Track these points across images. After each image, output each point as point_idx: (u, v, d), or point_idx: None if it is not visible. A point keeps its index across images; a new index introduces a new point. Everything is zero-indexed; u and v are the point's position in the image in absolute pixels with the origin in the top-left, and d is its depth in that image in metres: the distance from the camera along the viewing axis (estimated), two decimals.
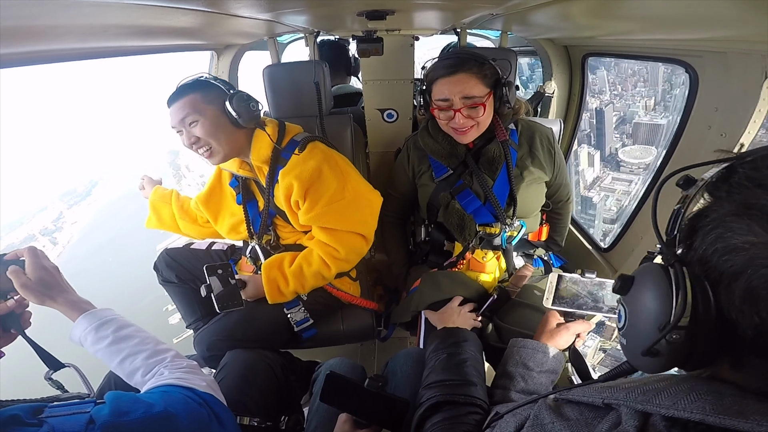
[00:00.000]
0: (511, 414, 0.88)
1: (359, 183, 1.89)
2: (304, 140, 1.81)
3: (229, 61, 2.74)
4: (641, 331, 0.64)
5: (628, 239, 2.13)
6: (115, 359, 1.10)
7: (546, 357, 1.23)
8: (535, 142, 1.81)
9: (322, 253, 1.81)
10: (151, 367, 1.09)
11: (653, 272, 0.63)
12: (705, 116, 1.62)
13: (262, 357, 1.67)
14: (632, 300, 0.68)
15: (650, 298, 0.62)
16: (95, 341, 1.11)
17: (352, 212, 1.82)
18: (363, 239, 1.88)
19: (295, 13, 1.76)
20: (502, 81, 1.63)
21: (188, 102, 1.66)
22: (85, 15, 1.05)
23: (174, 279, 2.09)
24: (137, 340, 1.14)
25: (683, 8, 1.02)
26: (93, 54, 1.54)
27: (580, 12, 1.47)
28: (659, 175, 1.89)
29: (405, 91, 2.40)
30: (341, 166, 1.84)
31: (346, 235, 1.83)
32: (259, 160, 1.81)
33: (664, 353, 0.59)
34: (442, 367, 1.26)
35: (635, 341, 0.65)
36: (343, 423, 1.26)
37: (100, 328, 1.12)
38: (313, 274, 1.82)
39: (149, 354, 1.11)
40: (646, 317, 0.63)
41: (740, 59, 1.41)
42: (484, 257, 1.88)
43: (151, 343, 1.15)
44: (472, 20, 2.26)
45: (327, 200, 1.77)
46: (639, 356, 0.63)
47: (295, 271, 1.82)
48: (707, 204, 0.61)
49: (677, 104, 2.78)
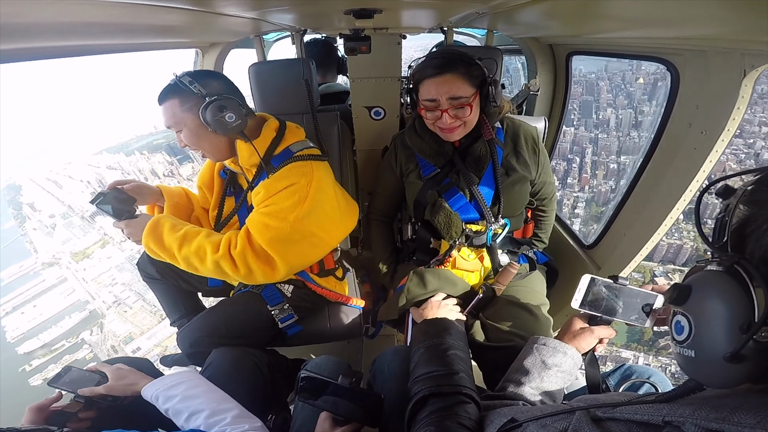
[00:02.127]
0: (538, 425, 0.84)
1: (318, 221, 1.76)
2: (296, 159, 1.73)
3: (214, 59, 2.72)
4: (718, 336, 0.61)
5: (610, 236, 2.15)
6: (182, 417, 1.25)
7: (566, 357, 1.21)
8: (520, 140, 1.82)
9: (223, 239, 1.69)
10: (211, 426, 1.19)
11: (716, 277, 0.63)
12: (686, 114, 1.64)
13: (248, 355, 1.66)
14: (697, 308, 0.66)
15: (721, 302, 0.61)
16: (165, 400, 1.29)
17: (283, 237, 1.68)
18: (273, 267, 1.71)
19: (281, 12, 1.75)
20: (489, 80, 1.64)
21: (168, 108, 1.65)
22: (67, 13, 1.04)
23: (156, 275, 2.07)
24: (202, 399, 1.28)
25: (665, 7, 1.04)
26: (75, 52, 1.52)
27: (565, 11, 1.48)
28: (641, 173, 1.91)
29: (392, 88, 2.40)
30: (312, 197, 1.71)
31: (260, 250, 1.68)
32: (247, 164, 1.79)
33: (750, 357, 0.57)
34: (426, 359, 1.27)
35: (711, 349, 0.62)
36: (323, 421, 1.28)
37: (171, 389, 1.31)
38: (196, 248, 1.67)
39: (210, 413, 1.23)
40: (720, 322, 0.61)
41: (720, 57, 1.43)
42: (469, 255, 1.89)
43: (215, 402, 1.28)
44: (459, 19, 2.27)
45: (269, 210, 1.69)
46: (715, 366, 0.61)
47: (188, 231, 1.71)
48: (749, 212, 0.62)
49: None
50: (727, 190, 0.65)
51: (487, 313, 1.76)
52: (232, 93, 1.67)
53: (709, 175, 1.63)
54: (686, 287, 0.68)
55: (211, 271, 1.69)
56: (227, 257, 1.66)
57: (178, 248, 1.68)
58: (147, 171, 71.61)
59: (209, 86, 1.62)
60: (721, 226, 0.65)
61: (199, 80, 1.62)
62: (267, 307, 1.89)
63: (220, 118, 1.59)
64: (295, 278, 2.00)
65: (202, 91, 1.59)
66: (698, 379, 0.67)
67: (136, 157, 73.98)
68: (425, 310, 1.65)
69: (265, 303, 1.89)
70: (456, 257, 1.89)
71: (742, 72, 1.35)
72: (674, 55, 1.66)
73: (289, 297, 1.94)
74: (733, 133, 1.49)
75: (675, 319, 0.70)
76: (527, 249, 2.05)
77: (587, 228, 29.37)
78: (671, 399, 0.71)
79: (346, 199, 2.00)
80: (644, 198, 1.91)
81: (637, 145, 35.71)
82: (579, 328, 1.26)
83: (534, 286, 1.88)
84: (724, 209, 0.65)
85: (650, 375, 1.46)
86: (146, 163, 72.58)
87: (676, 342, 0.69)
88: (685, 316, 0.68)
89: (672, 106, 1.71)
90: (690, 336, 0.66)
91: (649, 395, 0.83)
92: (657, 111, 1.88)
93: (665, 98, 1.76)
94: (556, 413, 0.84)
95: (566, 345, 1.23)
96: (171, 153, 78.99)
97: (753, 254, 0.59)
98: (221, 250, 1.66)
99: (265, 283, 1.88)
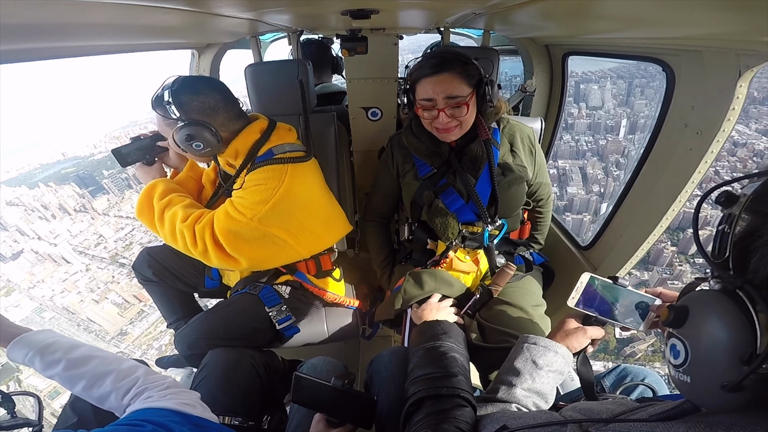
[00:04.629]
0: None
1: (283, 224, 1.76)
2: (273, 162, 1.74)
3: (210, 59, 2.72)
4: (715, 365, 0.58)
5: (607, 237, 2.16)
6: (78, 384, 1.08)
7: (557, 357, 1.19)
8: (516, 141, 1.82)
9: (195, 212, 1.75)
10: (125, 388, 1.06)
11: (715, 300, 0.59)
12: (681, 114, 1.65)
13: (244, 356, 1.66)
14: (694, 332, 0.62)
15: (720, 328, 0.57)
16: (46, 366, 1.08)
17: (237, 230, 1.70)
18: (228, 255, 1.74)
19: (278, 12, 1.75)
20: (485, 80, 1.64)
21: (155, 117, 1.71)
22: (62, 13, 1.03)
23: (152, 277, 2.07)
24: (97, 361, 1.10)
25: (660, 8, 1.03)
26: (70, 52, 1.52)
27: (561, 11, 1.48)
28: (637, 174, 1.91)
29: (389, 89, 2.40)
30: (277, 200, 1.71)
31: (220, 233, 1.70)
32: (228, 168, 1.86)
33: (750, 387, 0.53)
34: (423, 361, 1.26)
35: (707, 377, 0.59)
36: (317, 422, 1.28)
37: (46, 353, 1.09)
38: (172, 213, 1.75)
39: (116, 376, 1.08)
40: (718, 350, 0.57)
41: (715, 58, 1.43)
42: (466, 256, 1.89)
43: (113, 362, 1.12)
44: (456, 19, 2.26)
45: (236, 202, 1.73)
46: (714, 394, 0.58)
47: (173, 198, 1.80)
48: (753, 223, 0.57)
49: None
50: (729, 198, 0.60)
51: (484, 314, 1.76)
52: (212, 111, 1.68)
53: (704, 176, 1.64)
54: (683, 309, 0.65)
55: (173, 239, 1.76)
56: (190, 229, 1.71)
57: (159, 217, 1.77)
58: (54, 206, 65.90)
59: (188, 106, 1.63)
60: (722, 240, 0.60)
61: (180, 97, 1.63)
62: (264, 308, 1.89)
63: (188, 145, 1.65)
64: (293, 279, 2.00)
65: (176, 115, 1.63)
66: (694, 401, 0.65)
67: (41, 190, 69.12)
68: (424, 312, 1.65)
69: (263, 304, 1.89)
70: (452, 258, 1.89)
71: (738, 72, 1.35)
72: (670, 56, 1.66)
73: (286, 298, 1.94)
74: (729, 134, 1.50)
75: (670, 341, 0.67)
76: (523, 250, 2.05)
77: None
78: (666, 419, 0.68)
79: (331, 211, 1.98)
80: (640, 199, 1.92)
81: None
82: (572, 328, 1.25)
83: (530, 287, 1.88)
84: (726, 219, 0.60)
85: (645, 377, 1.46)
86: (53, 196, 67.83)
87: (672, 365, 0.66)
88: (680, 341, 0.64)
89: (667, 106, 1.72)
90: (686, 362, 0.63)
91: (644, 403, 0.81)
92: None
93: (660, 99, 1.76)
94: (548, 424, 0.82)
95: (557, 344, 1.21)
96: (81, 184, 71.12)
97: (756, 273, 0.55)
98: (189, 220, 1.71)
99: (222, 268, 1.96)
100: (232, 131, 1.75)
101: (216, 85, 1.73)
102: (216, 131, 1.67)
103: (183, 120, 1.63)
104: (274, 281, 2.00)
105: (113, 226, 79.01)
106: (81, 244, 74.74)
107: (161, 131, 1.75)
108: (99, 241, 76.37)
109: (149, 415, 0.93)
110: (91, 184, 76.41)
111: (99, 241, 76.33)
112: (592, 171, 39.73)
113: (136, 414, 0.95)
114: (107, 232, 77.83)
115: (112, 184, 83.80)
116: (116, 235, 77.26)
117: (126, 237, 76.86)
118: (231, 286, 2.11)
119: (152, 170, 1.89)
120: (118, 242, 75.39)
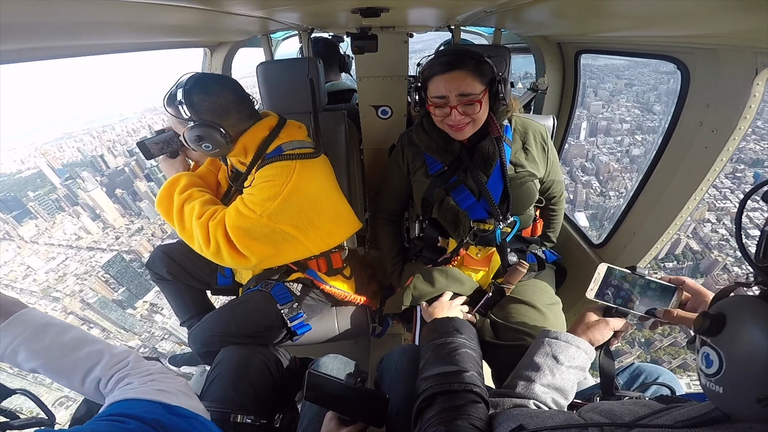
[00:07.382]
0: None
1: (292, 220, 1.77)
2: (282, 158, 1.76)
3: (222, 58, 2.73)
4: (753, 378, 0.54)
5: (620, 235, 2.14)
6: (72, 375, 0.96)
7: (579, 352, 1.16)
8: (529, 138, 1.81)
9: (210, 208, 1.77)
10: (111, 375, 0.97)
11: (757, 308, 0.56)
12: (696, 113, 1.63)
13: (256, 353, 1.67)
14: (731, 341, 0.58)
15: (762, 340, 0.53)
16: (30, 357, 0.94)
17: (248, 227, 1.71)
18: (240, 253, 1.75)
19: (289, 11, 1.75)
20: (498, 78, 1.63)
21: (169, 119, 1.75)
22: (77, 11, 1.04)
23: (167, 275, 2.09)
24: (88, 349, 0.99)
25: (674, 5, 1.02)
26: (85, 51, 1.53)
27: (572, 9, 1.47)
28: (651, 171, 1.90)
29: (399, 87, 2.40)
30: (286, 196, 1.72)
31: (231, 230, 1.71)
32: (239, 166, 1.88)
33: None
34: (435, 358, 1.26)
35: (743, 390, 0.56)
36: (329, 420, 1.28)
37: (37, 339, 0.95)
38: (190, 208, 1.78)
39: (108, 362, 0.98)
40: (757, 363, 0.54)
41: (731, 56, 1.41)
42: (477, 254, 1.89)
43: (106, 349, 1.01)
44: (466, 17, 2.26)
45: (247, 199, 1.74)
46: (747, 406, 0.55)
47: (192, 193, 1.83)
48: None
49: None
50: None
51: (497, 312, 1.75)
52: (223, 112, 1.69)
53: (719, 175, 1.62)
54: (720, 317, 0.59)
55: (189, 235, 1.78)
56: (204, 226, 1.74)
57: (179, 209, 1.79)
58: None
59: (199, 106, 1.65)
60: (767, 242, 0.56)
61: (192, 97, 1.64)
62: (277, 306, 1.90)
63: (198, 145, 1.69)
64: (304, 276, 2.01)
65: (187, 115, 1.65)
66: (725, 410, 0.61)
67: None
68: (435, 310, 1.65)
69: (275, 302, 1.90)
70: (464, 256, 1.89)
71: (754, 70, 1.34)
72: (684, 54, 1.64)
73: (298, 296, 1.95)
74: (745, 132, 1.48)
75: (703, 350, 0.62)
76: (536, 248, 2.04)
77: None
78: (694, 425, 0.65)
79: (341, 208, 1.98)
80: (654, 197, 1.90)
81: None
82: (593, 320, 1.22)
83: (543, 285, 1.87)
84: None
85: (659, 375, 1.44)
86: None
87: (704, 374, 0.62)
88: (714, 350, 0.60)
89: (682, 104, 1.69)
90: (720, 372, 0.58)
91: (668, 406, 0.79)
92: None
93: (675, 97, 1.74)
94: (568, 426, 0.80)
95: (579, 339, 1.18)
96: (5, 209, 65.63)
97: None
98: (203, 217, 1.73)
99: (234, 267, 1.98)
100: (242, 131, 1.76)
101: (230, 84, 1.74)
102: (226, 132, 1.68)
103: (194, 120, 1.65)
104: (285, 279, 2.01)
105: (43, 255, 75.01)
106: (6, 277, 69.78)
107: (174, 128, 1.77)
108: (27, 272, 71.75)
109: (129, 409, 0.85)
110: (15, 207, 70.98)
111: (27, 273, 71.77)
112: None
113: (114, 407, 0.87)
114: (36, 262, 73.20)
115: (40, 207, 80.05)
116: (47, 265, 72.29)
117: (58, 267, 71.45)
118: (243, 283, 2.12)
119: (176, 163, 1.92)
120: (49, 273, 69.80)
